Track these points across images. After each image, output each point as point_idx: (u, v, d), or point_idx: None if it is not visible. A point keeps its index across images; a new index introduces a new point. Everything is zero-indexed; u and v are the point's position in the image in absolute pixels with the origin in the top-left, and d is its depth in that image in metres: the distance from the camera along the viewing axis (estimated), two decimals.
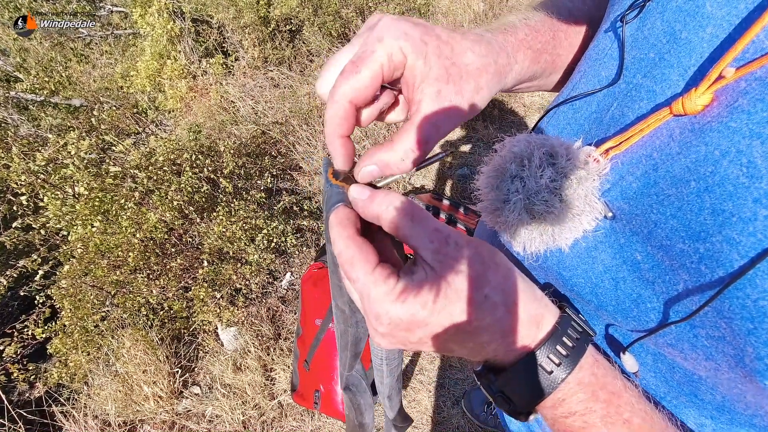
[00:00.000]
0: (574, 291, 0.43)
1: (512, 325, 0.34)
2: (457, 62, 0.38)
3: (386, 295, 0.33)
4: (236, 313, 2.23)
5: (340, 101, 0.36)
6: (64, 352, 2.12)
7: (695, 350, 0.33)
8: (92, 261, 2.02)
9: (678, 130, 0.33)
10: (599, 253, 0.39)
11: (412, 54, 0.36)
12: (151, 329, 2.21)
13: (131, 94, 3.44)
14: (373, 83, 0.36)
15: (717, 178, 0.29)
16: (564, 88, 0.51)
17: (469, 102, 0.39)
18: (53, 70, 3.51)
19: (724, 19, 0.32)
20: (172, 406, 2.16)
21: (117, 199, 2.00)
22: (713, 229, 0.29)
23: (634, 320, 0.38)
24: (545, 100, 3.40)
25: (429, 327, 0.34)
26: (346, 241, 0.35)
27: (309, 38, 3.41)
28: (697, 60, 0.33)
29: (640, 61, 0.38)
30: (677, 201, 0.31)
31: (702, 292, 0.30)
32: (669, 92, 0.35)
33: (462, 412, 1.99)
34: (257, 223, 2.23)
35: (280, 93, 3.23)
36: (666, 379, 0.39)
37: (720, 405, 0.35)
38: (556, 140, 0.39)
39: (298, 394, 1.93)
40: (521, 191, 0.38)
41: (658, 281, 0.35)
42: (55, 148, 2.07)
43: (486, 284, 0.33)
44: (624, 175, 0.37)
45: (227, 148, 2.30)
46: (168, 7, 3.18)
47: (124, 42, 3.81)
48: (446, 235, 0.34)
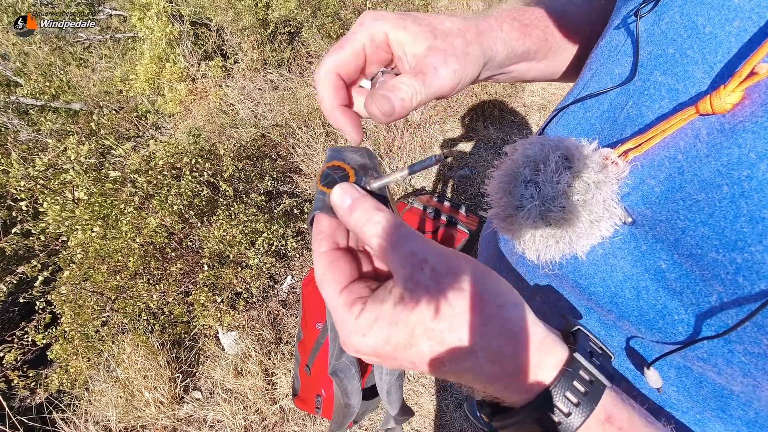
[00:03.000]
0: (592, 300, 0.41)
1: (498, 375, 0.30)
2: (438, 26, 0.41)
3: (349, 325, 0.31)
4: (237, 318, 2.22)
5: (327, 73, 0.39)
6: (65, 358, 2.11)
7: (731, 366, 0.31)
8: (92, 266, 2.01)
9: (705, 131, 0.31)
10: (618, 260, 0.37)
11: (392, 29, 0.39)
12: (151, 334, 2.20)
13: (131, 97, 3.44)
14: (355, 58, 0.40)
15: (754, 183, 0.27)
16: (574, 87, 0.49)
17: (462, 51, 0.41)
18: (53, 74, 3.50)
19: (753, 12, 0.30)
20: (174, 412, 2.15)
21: (117, 204, 1.99)
22: (752, 238, 0.27)
23: (660, 332, 0.35)
24: (546, 100, 3.38)
25: (398, 362, 0.31)
26: (318, 256, 0.34)
27: (308, 40, 3.40)
28: (724, 56, 0.31)
29: (658, 58, 0.36)
30: (708, 207, 0.29)
31: (740, 306, 0.28)
32: (693, 90, 0.33)
33: (464, 415, 1.98)
34: (257, 226, 2.21)
35: (280, 95, 3.22)
36: (691, 394, 0.36)
37: (752, 421, 0.32)
38: (571, 142, 0.36)
39: (300, 398, 1.92)
40: (536, 197, 0.36)
41: (686, 292, 0.32)
42: (55, 153, 2.06)
43: (466, 327, 0.29)
44: (645, 179, 0.34)
45: (227, 151, 2.29)
46: (167, 10, 3.17)
47: (123, 45, 3.81)
48: (421, 259, 0.30)
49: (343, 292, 0.32)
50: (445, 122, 3.17)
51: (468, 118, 3.17)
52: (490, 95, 3.22)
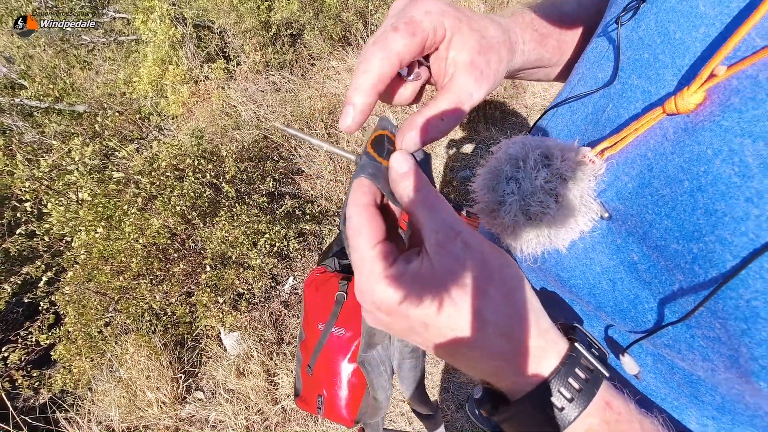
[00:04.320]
0: (573, 292, 0.43)
1: (507, 354, 0.32)
2: (485, 35, 0.40)
3: (375, 275, 0.32)
4: (239, 318, 2.23)
5: (391, 53, 0.35)
6: (68, 358, 2.13)
7: (692, 351, 0.33)
8: (96, 267, 2.03)
9: (672, 130, 0.33)
10: (596, 254, 0.39)
11: (450, 29, 0.38)
12: (154, 334, 2.22)
13: (134, 99, 3.47)
14: (418, 48, 0.37)
15: (710, 178, 0.29)
16: (562, 90, 0.51)
17: (494, 71, 0.41)
18: (57, 76, 3.53)
19: (716, 19, 0.32)
20: (176, 412, 2.16)
21: (120, 205, 2.01)
22: (706, 229, 0.29)
23: (631, 321, 0.38)
24: (547, 102, 3.40)
25: (409, 322, 0.32)
26: (359, 209, 0.34)
27: (310, 42, 3.43)
28: (691, 59, 0.33)
29: (635, 62, 0.38)
30: (671, 201, 0.31)
31: (696, 293, 0.30)
32: (663, 92, 0.35)
33: (466, 416, 1.98)
34: (260, 227, 2.23)
35: (282, 97, 3.24)
36: (666, 381, 0.38)
37: (720, 406, 0.34)
38: (552, 141, 0.39)
39: (302, 399, 1.93)
40: (516, 192, 0.38)
41: (654, 282, 0.34)
42: (60, 154, 2.08)
43: (484, 299, 0.31)
44: (619, 176, 0.36)
45: (229, 153, 2.31)
46: (170, 13, 3.20)
47: (126, 48, 3.84)
48: (457, 231, 0.32)
49: (377, 245, 0.33)
50: None
51: (470, 120, 3.19)
52: (492, 96, 3.24)
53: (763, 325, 0.26)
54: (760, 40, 0.29)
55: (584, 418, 0.31)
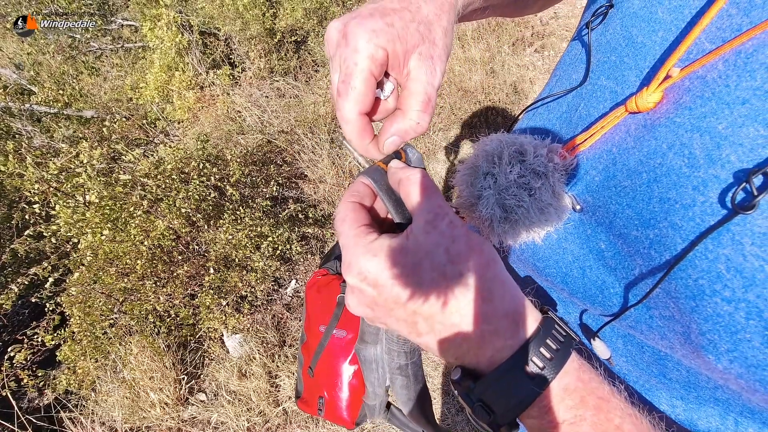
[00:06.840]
0: (548, 280, 0.45)
1: (490, 315, 0.34)
2: (419, 19, 0.40)
3: (360, 246, 0.35)
4: (242, 320, 2.25)
5: (352, 118, 0.39)
6: (73, 359, 2.15)
7: (652, 330, 0.35)
8: (101, 268, 2.06)
9: (634, 127, 0.35)
10: (569, 244, 0.42)
11: (388, 43, 0.38)
12: (158, 336, 2.24)
13: (141, 105, 3.51)
14: (368, 90, 0.38)
15: (664, 169, 0.31)
16: (541, 92, 0.54)
17: (443, 45, 0.41)
18: (66, 83, 3.59)
19: (672, 24, 0.35)
20: (178, 413, 2.18)
21: (126, 207, 2.04)
22: (660, 216, 0.31)
23: (600, 305, 0.40)
24: None
25: (394, 291, 0.34)
26: (345, 204, 0.39)
27: (314, 49, 3.47)
28: (651, 62, 0.36)
29: (604, 64, 0.41)
30: (632, 192, 0.34)
31: (653, 276, 0.33)
32: (627, 92, 0.37)
33: (467, 419, 1.99)
34: (263, 230, 2.25)
35: (286, 102, 3.28)
36: (637, 362, 0.40)
37: (686, 381, 0.36)
38: (525, 138, 0.41)
39: (303, 400, 1.94)
40: (492, 187, 0.40)
41: (619, 268, 0.37)
42: (68, 157, 2.12)
43: (465, 265, 0.34)
44: (588, 170, 0.39)
45: (234, 157, 2.34)
46: (176, 21, 3.25)
47: (134, 55, 3.90)
48: (444, 212, 0.36)
49: (361, 227, 0.37)
50: (449, 129, 3.22)
51: (471, 125, 3.21)
52: (493, 102, 3.27)
53: (709, 302, 0.29)
54: (709, 43, 0.31)
55: (561, 376, 0.33)
